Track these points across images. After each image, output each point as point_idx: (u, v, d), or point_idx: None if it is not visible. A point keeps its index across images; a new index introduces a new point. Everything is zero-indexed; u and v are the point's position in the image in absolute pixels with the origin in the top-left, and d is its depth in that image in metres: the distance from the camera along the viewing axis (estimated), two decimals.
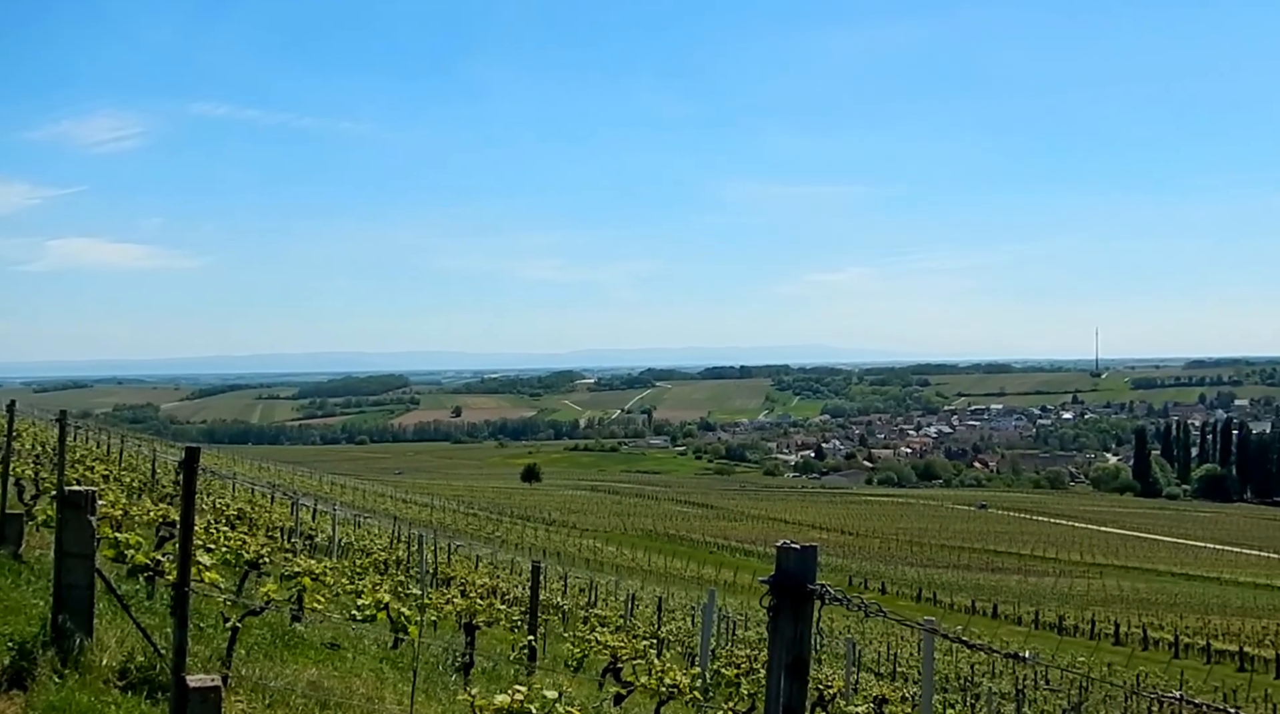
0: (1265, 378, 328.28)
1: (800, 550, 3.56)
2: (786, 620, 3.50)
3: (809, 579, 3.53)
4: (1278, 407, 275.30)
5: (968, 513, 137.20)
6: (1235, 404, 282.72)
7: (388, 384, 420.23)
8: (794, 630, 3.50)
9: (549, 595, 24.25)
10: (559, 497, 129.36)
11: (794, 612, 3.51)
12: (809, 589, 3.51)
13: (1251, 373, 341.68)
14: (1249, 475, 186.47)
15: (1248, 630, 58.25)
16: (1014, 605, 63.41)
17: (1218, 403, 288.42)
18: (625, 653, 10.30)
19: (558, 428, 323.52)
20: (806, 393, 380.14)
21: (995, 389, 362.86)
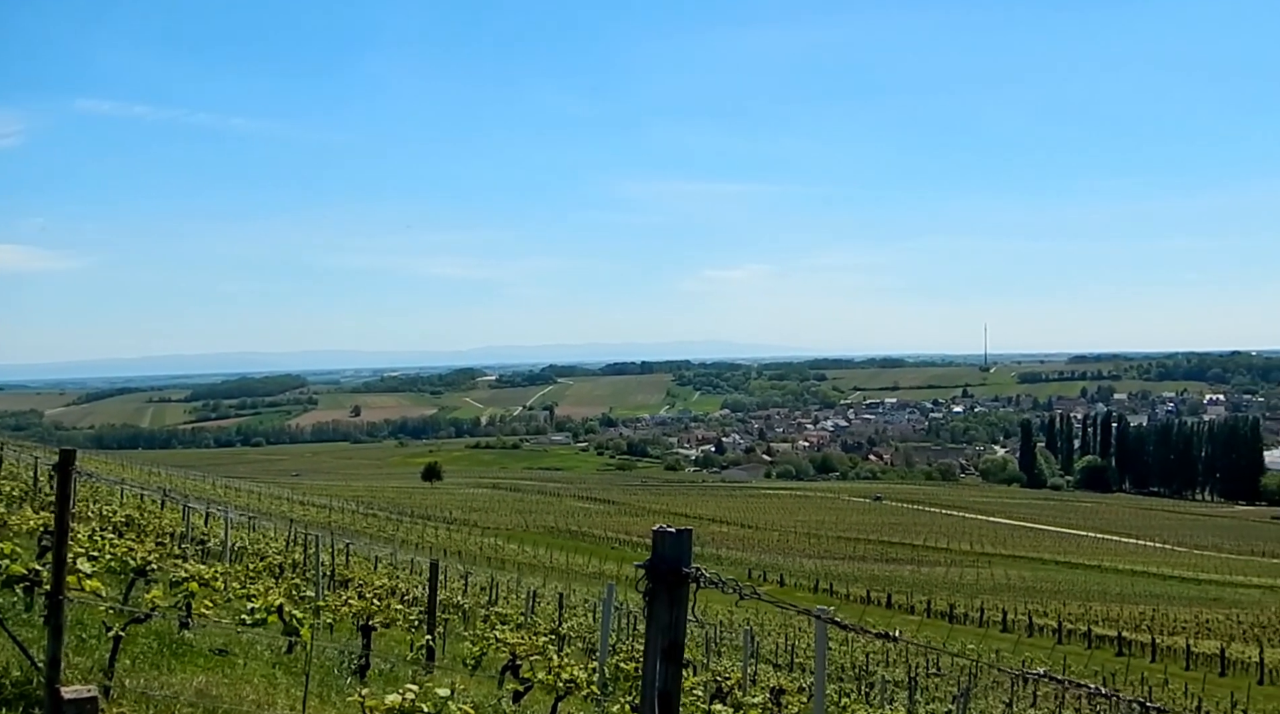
0: (1142, 373, 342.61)
1: (675, 535, 3.52)
2: (662, 605, 3.49)
3: (684, 563, 3.51)
4: (1154, 400, 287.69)
5: (863, 505, 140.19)
6: (1114, 398, 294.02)
7: (284, 384, 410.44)
8: (669, 615, 3.48)
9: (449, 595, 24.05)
10: (460, 495, 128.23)
11: (669, 596, 3.49)
12: (684, 573, 3.49)
13: (1130, 368, 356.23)
14: (1127, 466, 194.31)
15: (1125, 616, 60.76)
16: (907, 595, 64.95)
17: (1098, 396, 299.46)
18: (524, 650, 10.32)
19: (459, 426, 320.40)
20: (707, 388, 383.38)
21: (889, 383, 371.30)
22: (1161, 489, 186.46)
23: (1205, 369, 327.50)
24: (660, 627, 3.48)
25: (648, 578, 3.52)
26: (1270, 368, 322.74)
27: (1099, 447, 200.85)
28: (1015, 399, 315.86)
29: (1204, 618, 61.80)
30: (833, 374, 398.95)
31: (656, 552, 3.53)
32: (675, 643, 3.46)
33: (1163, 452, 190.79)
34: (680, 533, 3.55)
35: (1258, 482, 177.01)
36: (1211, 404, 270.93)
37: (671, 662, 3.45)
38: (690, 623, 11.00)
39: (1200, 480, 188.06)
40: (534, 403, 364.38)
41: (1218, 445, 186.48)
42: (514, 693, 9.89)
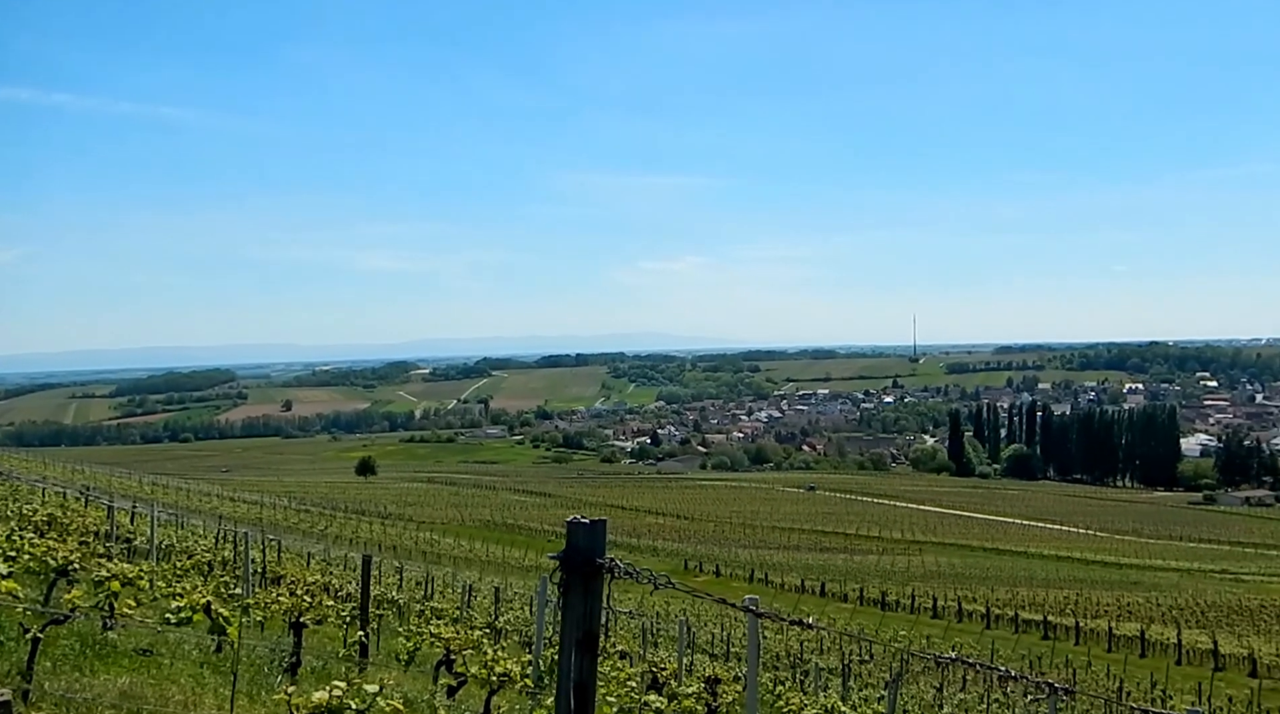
0: (1065, 363, 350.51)
1: (589, 526, 3.52)
2: (577, 596, 3.48)
3: (598, 554, 3.50)
4: (1076, 390, 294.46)
5: (797, 495, 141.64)
6: (1039, 387, 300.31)
7: (213, 379, 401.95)
8: (584, 605, 3.47)
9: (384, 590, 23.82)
10: (395, 490, 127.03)
11: (584, 587, 3.48)
12: (598, 563, 3.48)
13: (1053, 358, 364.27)
14: (1051, 455, 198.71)
15: (1051, 601, 62.21)
16: (840, 584, 65.82)
17: (1023, 386, 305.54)
18: (459, 644, 10.27)
19: (393, 420, 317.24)
20: (642, 380, 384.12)
21: (822, 374, 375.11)
22: (1084, 476, 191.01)
23: (1125, 359, 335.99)
24: (575, 618, 3.48)
25: (561, 569, 3.50)
26: (1186, 358, 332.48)
27: (1024, 435, 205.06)
28: (944, 389, 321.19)
29: (1125, 601, 63.54)
30: (766, 366, 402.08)
31: (570, 543, 3.51)
32: (590, 634, 3.46)
33: (1085, 440, 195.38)
34: (594, 524, 3.54)
35: (1175, 468, 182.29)
36: (1131, 393, 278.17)
37: (587, 653, 3.44)
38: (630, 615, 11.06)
39: (1121, 468, 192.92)
40: (469, 396, 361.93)
41: (1137, 433, 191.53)
42: (448, 688, 9.83)
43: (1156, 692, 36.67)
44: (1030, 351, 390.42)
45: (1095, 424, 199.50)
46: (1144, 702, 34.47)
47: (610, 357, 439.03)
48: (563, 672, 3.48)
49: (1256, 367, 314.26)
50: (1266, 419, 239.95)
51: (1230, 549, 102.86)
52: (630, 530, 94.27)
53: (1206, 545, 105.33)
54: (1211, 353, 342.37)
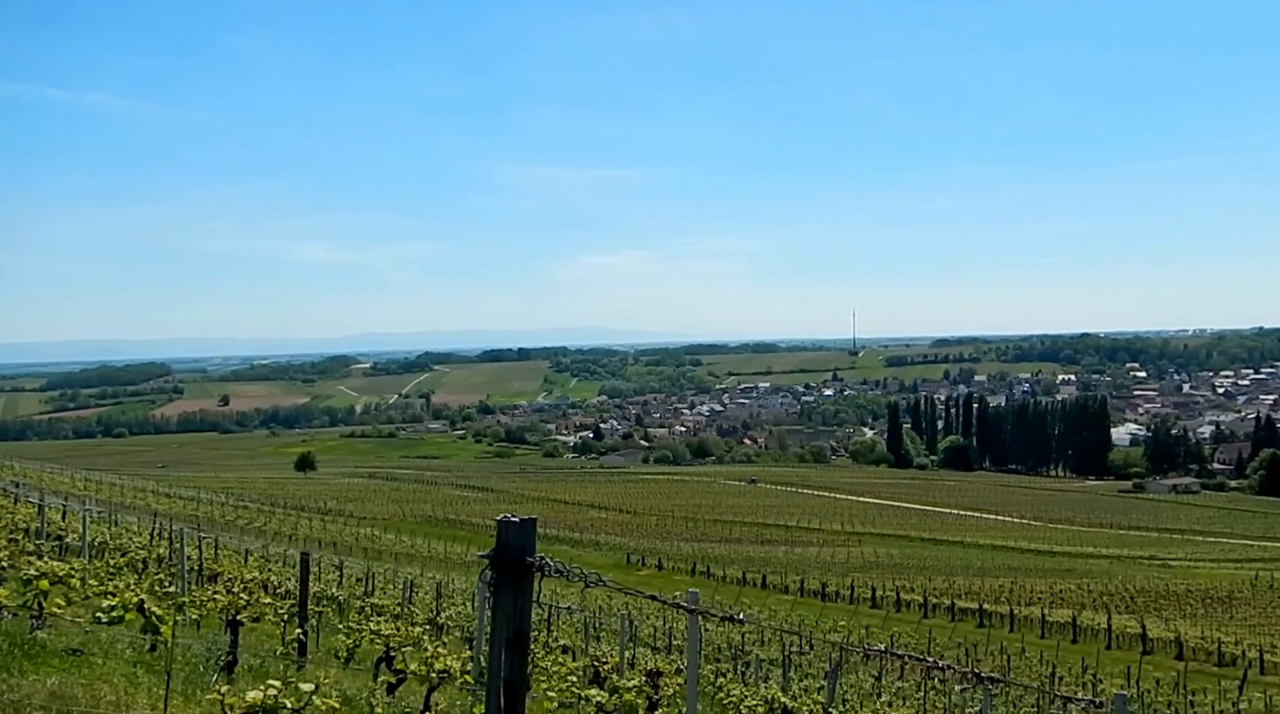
0: (1000, 355, 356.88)
1: (519, 524, 3.52)
2: (507, 594, 3.47)
3: (529, 552, 3.49)
4: (1011, 381, 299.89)
5: (739, 488, 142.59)
6: (975, 380, 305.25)
7: (148, 373, 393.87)
8: (514, 604, 3.47)
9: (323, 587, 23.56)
10: (335, 485, 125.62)
11: (514, 585, 3.47)
12: (528, 562, 3.48)
13: (989, 350, 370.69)
14: (987, 445, 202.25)
15: (986, 589, 63.37)
16: (781, 575, 66.38)
17: (960, 379, 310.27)
18: (399, 641, 10.23)
19: (333, 415, 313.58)
20: (584, 374, 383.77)
21: (763, 368, 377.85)
22: (1019, 466, 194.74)
23: (1058, 351, 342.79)
24: (505, 616, 3.47)
25: (492, 568, 3.49)
26: (1116, 349, 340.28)
27: (961, 427, 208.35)
28: (882, 382, 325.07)
29: (1058, 588, 64.94)
30: (708, 360, 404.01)
31: (501, 541, 3.49)
32: (521, 632, 3.45)
33: (1020, 431, 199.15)
34: (524, 522, 3.53)
35: (1106, 458, 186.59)
36: (1064, 384, 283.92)
37: (517, 651, 3.43)
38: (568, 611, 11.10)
39: (1054, 457, 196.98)
40: (410, 391, 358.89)
41: (1069, 424, 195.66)
42: (388, 685, 9.80)
43: (1087, 676, 37.54)
44: (967, 344, 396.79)
45: (1029, 415, 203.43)
46: (1076, 686, 35.30)
47: (552, 351, 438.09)
48: (492, 670, 3.47)
49: (1184, 357, 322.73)
50: (1193, 408, 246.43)
51: (1158, 536, 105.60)
52: (573, 525, 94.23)
53: (1136, 532, 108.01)
54: (1141, 344, 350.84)
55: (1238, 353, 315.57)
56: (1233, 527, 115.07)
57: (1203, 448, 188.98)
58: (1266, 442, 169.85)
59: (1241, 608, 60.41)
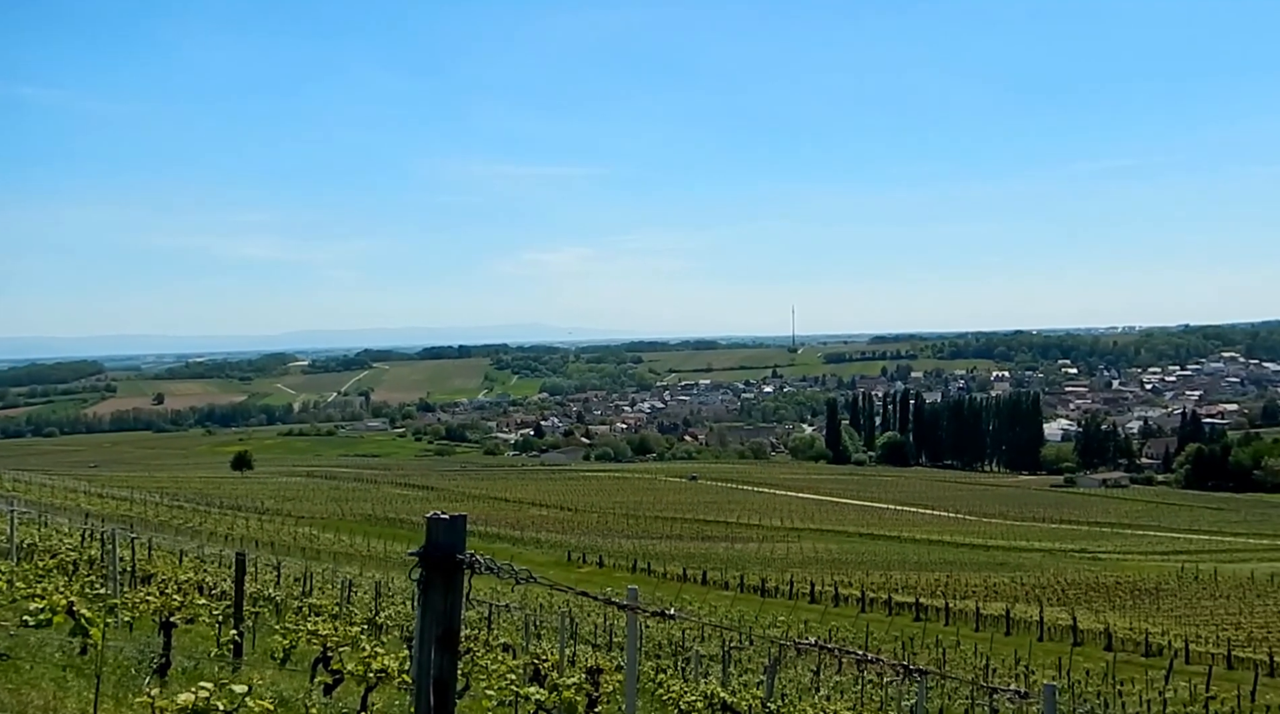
0: (936, 352, 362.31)
1: (449, 521, 3.48)
2: (437, 592, 3.44)
3: (458, 549, 3.46)
4: (947, 378, 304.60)
5: (679, 485, 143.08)
6: (912, 376, 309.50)
7: (79, 371, 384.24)
8: (444, 602, 3.44)
9: (260, 587, 23.26)
10: (273, 484, 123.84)
11: (444, 583, 3.44)
12: (458, 559, 3.45)
13: (925, 347, 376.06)
14: (924, 441, 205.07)
15: (923, 583, 64.31)
16: (722, 571, 66.78)
17: (897, 375, 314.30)
18: (336, 641, 10.16)
19: (270, 413, 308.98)
20: (525, 372, 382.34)
21: (703, 365, 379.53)
22: (955, 462, 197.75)
23: (992, 348, 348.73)
24: (435, 614, 3.44)
25: (421, 566, 3.45)
26: (1049, 346, 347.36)
27: (898, 423, 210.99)
28: (821, 379, 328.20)
29: (992, 582, 66.10)
30: (649, 357, 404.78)
31: (430, 539, 3.46)
32: (451, 630, 3.43)
33: (955, 426, 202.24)
34: (454, 519, 3.50)
35: (1039, 453, 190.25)
36: (998, 381, 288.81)
37: (447, 649, 3.42)
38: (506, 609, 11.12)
39: (988, 453, 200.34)
40: (349, 388, 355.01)
41: (1003, 420, 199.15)
42: (325, 686, 9.73)
43: (1020, 668, 38.28)
44: (904, 341, 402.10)
45: (964, 411, 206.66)
46: (1009, 677, 36.00)
47: (493, 348, 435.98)
48: (421, 669, 3.44)
49: (1113, 354, 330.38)
50: (1122, 404, 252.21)
51: (1088, 529, 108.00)
52: (514, 522, 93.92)
53: (1067, 526, 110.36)
54: (1072, 341, 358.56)
55: (1165, 350, 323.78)
56: (1160, 520, 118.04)
57: (1131, 443, 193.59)
58: (1192, 436, 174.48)
59: (1168, 599, 62.02)
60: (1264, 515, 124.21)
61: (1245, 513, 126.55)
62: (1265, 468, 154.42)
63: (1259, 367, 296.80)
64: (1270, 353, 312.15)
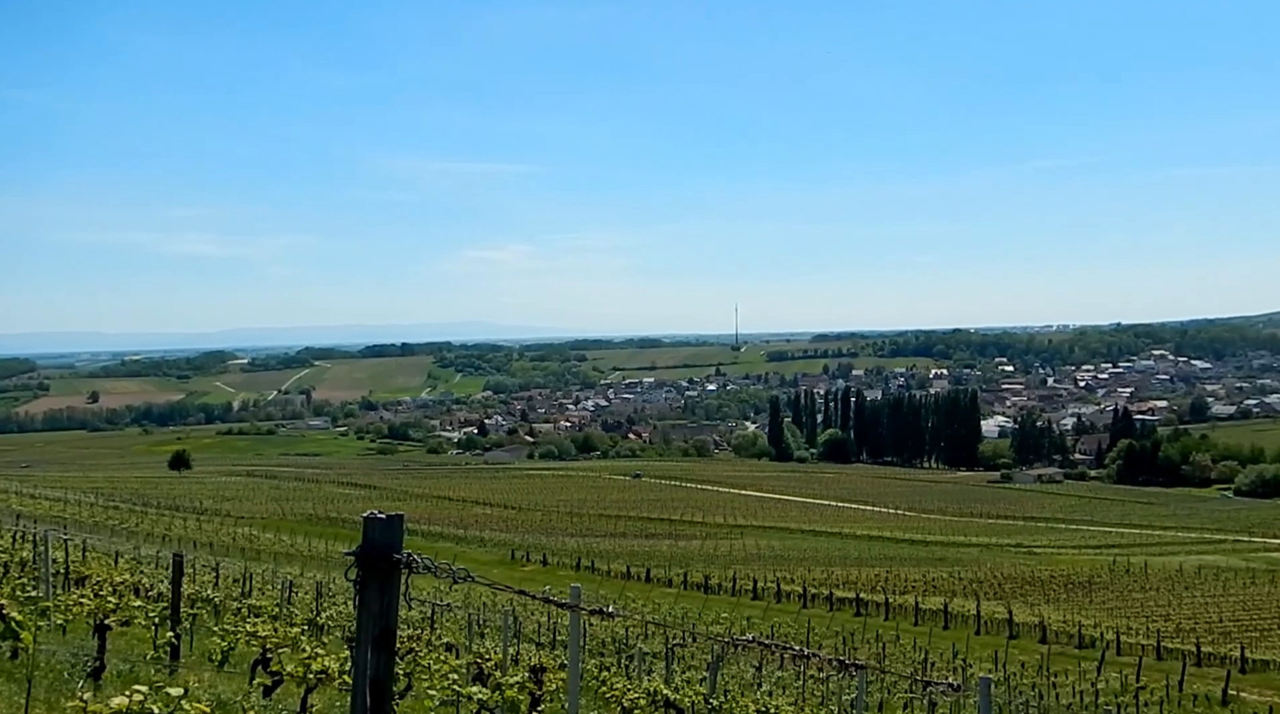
0: (877, 350, 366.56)
1: (386, 520, 3.45)
2: (373, 592, 3.42)
3: (395, 548, 3.43)
4: (887, 376, 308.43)
5: (623, 483, 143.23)
6: (853, 374, 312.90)
7: (10, 369, 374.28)
8: (381, 602, 3.42)
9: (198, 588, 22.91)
10: (212, 484, 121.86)
11: (381, 583, 3.42)
12: (395, 559, 3.42)
13: (866, 346, 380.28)
14: (865, 438, 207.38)
15: (863, 579, 65.09)
16: (665, 569, 66.96)
17: (838, 373, 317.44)
18: (275, 642, 10.08)
19: (209, 412, 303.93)
20: (469, 370, 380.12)
21: (647, 363, 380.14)
22: (895, 458, 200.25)
23: (931, 346, 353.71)
24: (372, 614, 3.41)
25: (358, 566, 3.43)
26: (986, 344, 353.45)
27: (840, 420, 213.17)
28: (764, 377, 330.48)
29: (930, 577, 67.09)
30: (593, 355, 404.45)
31: (367, 538, 3.44)
32: (388, 630, 3.41)
33: (895, 424, 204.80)
34: (391, 518, 3.48)
35: (976, 449, 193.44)
36: (937, 378, 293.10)
37: (384, 649, 3.39)
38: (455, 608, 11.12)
39: (928, 449, 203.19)
40: (290, 387, 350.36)
41: (942, 417, 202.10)
42: (264, 687, 9.66)
43: (958, 661, 38.92)
44: (845, 339, 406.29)
45: (904, 409, 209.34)
46: (947, 671, 36.59)
47: (437, 346, 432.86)
48: (358, 669, 3.40)
49: (1048, 352, 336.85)
50: (1057, 401, 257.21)
51: (1024, 524, 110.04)
52: (457, 521, 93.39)
53: (1003, 521, 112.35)
54: (1008, 339, 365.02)
55: (1098, 348, 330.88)
56: (1092, 514, 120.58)
57: (1065, 439, 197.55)
58: (1124, 432, 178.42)
59: (1100, 592, 63.44)
60: (1192, 509, 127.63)
61: (1174, 507, 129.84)
62: (1193, 463, 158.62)
63: (1187, 364, 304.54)
64: (1198, 351, 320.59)
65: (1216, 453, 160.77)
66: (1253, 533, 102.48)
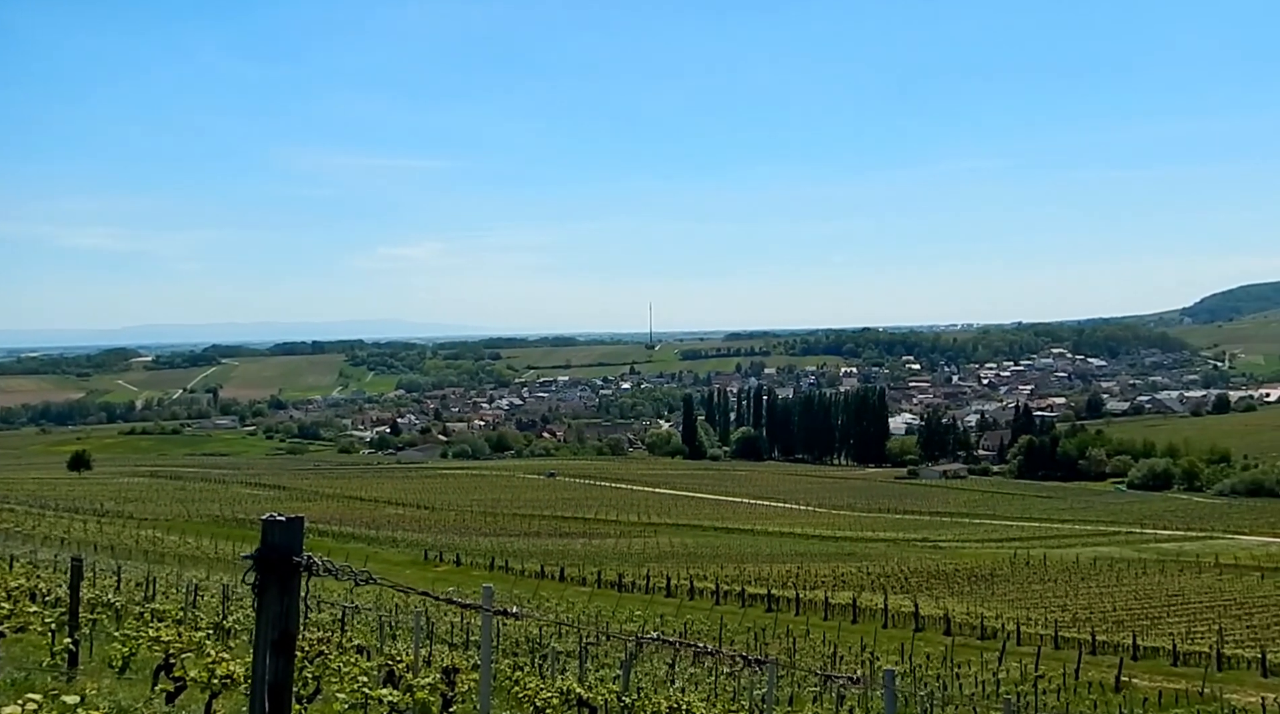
0: (788, 349, 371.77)
1: (286, 523, 3.41)
2: (273, 596, 3.36)
3: (295, 551, 3.39)
4: (798, 374, 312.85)
5: (538, 482, 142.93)
6: (765, 372, 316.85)
7: None
8: (281, 605, 3.37)
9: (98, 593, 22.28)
10: (113, 485, 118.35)
11: (280, 586, 3.37)
12: (295, 561, 3.37)
13: (778, 344, 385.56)
14: (776, 436, 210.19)
15: (775, 575, 65.91)
16: (579, 567, 66.97)
17: (751, 372, 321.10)
18: (179, 647, 9.93)
19: (111, 411, 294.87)
20: (381, 368, 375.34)
21: (562, 361, 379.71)
22: (806, 456, 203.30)
23: (841, 344, 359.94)
24: (270, 618, 3.36)
25: (256, 569, 3.38)
26: (894, 342, 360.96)
27: (752, 418, 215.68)
28: (678, 375, 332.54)
29: (840, 572, 68.25)
30: (507, 353, 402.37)
31: (266, 541, 3.39)
32: (287, 633, 3.36)
33: (806, 421, 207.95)
34: (291, 521, 3.43)
35: (884, 446, 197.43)
36: (846, 376, 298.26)
37: (283, 653, 3.35)
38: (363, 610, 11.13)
39: (837, 446, 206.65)
40: (196, 385, 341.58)
41: (851, 414, 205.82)
42: (167, 694, 9.52)
43: (865, 654, 39.73)
44: (758, 338, 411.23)
45: (815, 407, 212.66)
46: (855, 664, 37.36)
47: (348, 344, 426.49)
48: (256, 674, 3.35)
49: (953, 350, 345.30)
50: (961, 398, 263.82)
51: (930, 519, 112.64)
52: (370, 522, 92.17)
53: (910, 516, 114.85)
54: (915, 338, 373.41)
55: (1000, 346, 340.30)
56: (995, 509, 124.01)
57: (969, 436, 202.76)
58: (1024, 429, 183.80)
59: (1002, 584, 65.25)
60: (1088, 503, 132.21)
61: (1072, 501, 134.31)
62: (1089, 458, 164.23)
63: (1084, 362, 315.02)
64: (1094, 349, 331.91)
65: (1111, 448, 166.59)
66: (1144, 525, 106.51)
